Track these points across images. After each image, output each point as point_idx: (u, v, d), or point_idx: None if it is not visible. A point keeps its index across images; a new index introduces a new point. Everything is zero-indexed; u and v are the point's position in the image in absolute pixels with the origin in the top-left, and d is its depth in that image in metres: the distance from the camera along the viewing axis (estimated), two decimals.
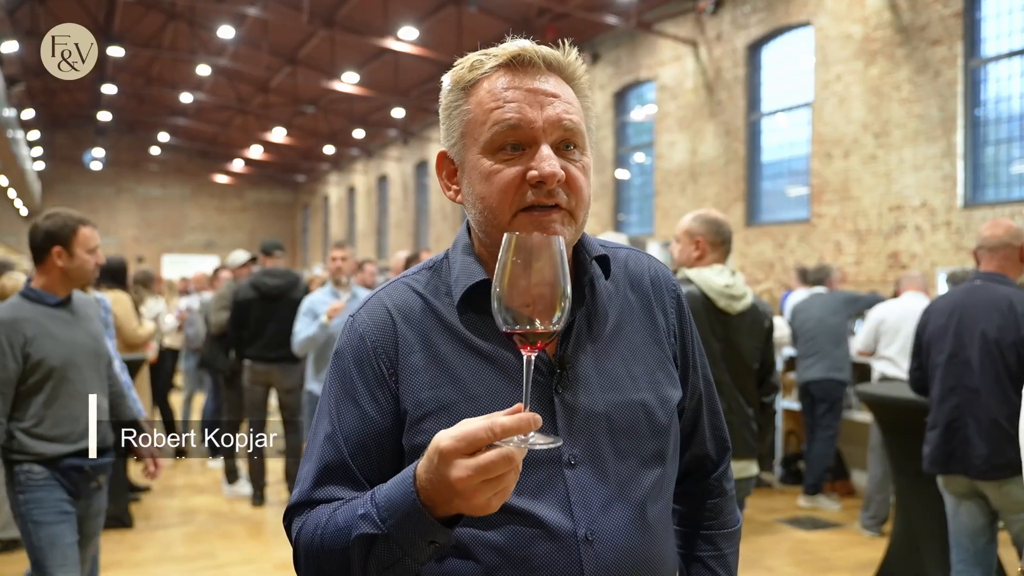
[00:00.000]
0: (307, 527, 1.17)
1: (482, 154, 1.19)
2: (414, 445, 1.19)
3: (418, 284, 1.29)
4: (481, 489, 0.95)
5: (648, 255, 1.43)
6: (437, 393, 1.19)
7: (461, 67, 1.23)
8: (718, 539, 1.45)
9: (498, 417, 0.96)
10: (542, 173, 1.14)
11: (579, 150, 1.21)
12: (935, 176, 10.14)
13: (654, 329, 1.33)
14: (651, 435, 1.26)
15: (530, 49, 1.19)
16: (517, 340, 1.00)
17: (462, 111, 1.22)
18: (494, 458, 0.94)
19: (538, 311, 0.98)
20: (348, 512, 1.11)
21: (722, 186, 13.65)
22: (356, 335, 1.26)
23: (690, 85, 14.34)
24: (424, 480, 1.00)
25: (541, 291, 0.97)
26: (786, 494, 6.96)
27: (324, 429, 1.24)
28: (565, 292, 0.98)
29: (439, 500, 0.99)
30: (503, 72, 1.19)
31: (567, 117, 1.18)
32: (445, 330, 1.23)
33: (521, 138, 1.17)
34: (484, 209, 1.19)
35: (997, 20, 9.82)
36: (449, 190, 1.29)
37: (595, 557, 1.17)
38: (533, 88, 1.18)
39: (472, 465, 0.94)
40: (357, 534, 1.07)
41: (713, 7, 13.63)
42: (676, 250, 3.52)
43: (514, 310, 0.97)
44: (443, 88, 1.26)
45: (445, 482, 0.96)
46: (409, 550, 1.04)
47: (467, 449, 0.94)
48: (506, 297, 0.98)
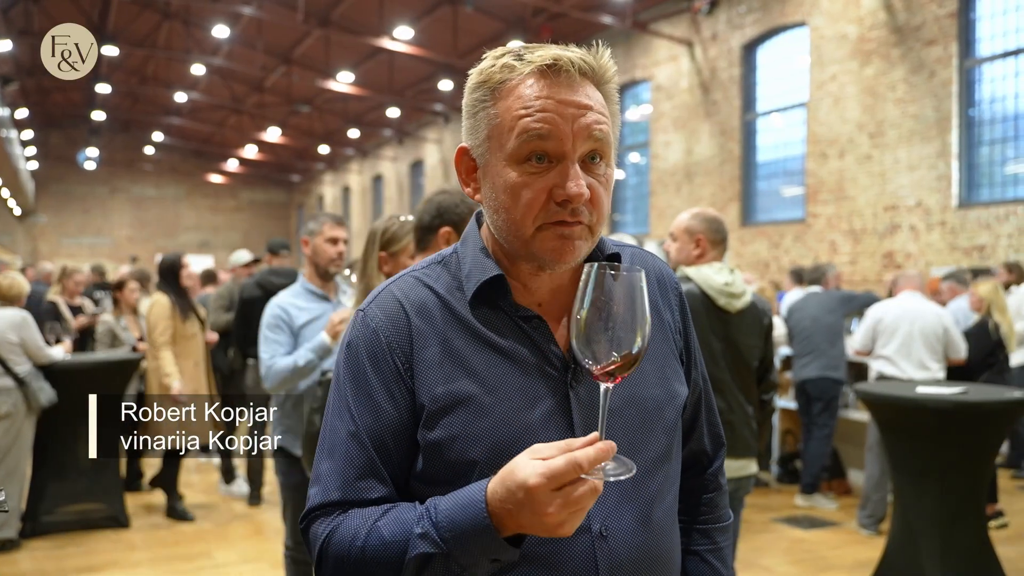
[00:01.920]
0: (341, 535, 1.15)
1: (508, 163, 1.17)
2: (430, 440, 1.19)
3: (428, 278, 1.28)
4: (569, 520, 1.00)
5: (652, 254, 1.44)
6: (453, 387, 1.19)
7: (492, 66, 1.20)
8: (714, 533, 1.46)
9: (580, 451, 0.99)
10: (569, 194, 1.13)
11: (605, 161, 1.19)
12: (930, 176, 10.17)
13: (662, 326, 1.35)
14: (661, 431, 1.27)
15: (565, 58, 1.16)
16: (598, 374, 1.04)
17: (489, 113, 1.19)
18: (585, 492, 0.99)
19: (616, 344, 1.02)
20: (397, 527, 1.11)
21: (717, 186, 13.67)
22: (369, 330, 1.24)
23: (685, 85, 14.35)
24: (499, 509, 1.03)
25: (623, 328, 1.01)
26: (783, 493, 6.97)
27: (346, 426, 1.22)
28: (645, 324, 1.02)
29: (512, 525, 1.03)
30: (535, 78, 1.16)
31: (597, 128, 1.16)
32: (459, 325, 1.23)
33: (549, 150, 1.15)
34: (508, 220, 1.18)
35: (992, 20, 9.85)
36: (468, 187, 1.27)
37: (609, 552, 1.18)
38: (565, 99, 1.15)
39: (563, 502, 0.99)
40: (415, 553, 1.08)
41: (708, 7, 13.65)
42: (673, 248, 3.50)
43: (594, 345, 1.01)
44: (469, 81, 1.24)
45: (533, 515, 1.00)
46: (468, 568, 1.07)
47: (553, 485, 0.98)
48: (586, 336, 1.02)
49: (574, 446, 1.00)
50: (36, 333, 5.29)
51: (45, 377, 5.38)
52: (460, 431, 1.16)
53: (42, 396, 5.17)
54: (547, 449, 1.00)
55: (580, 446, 1.00)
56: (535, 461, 0.99)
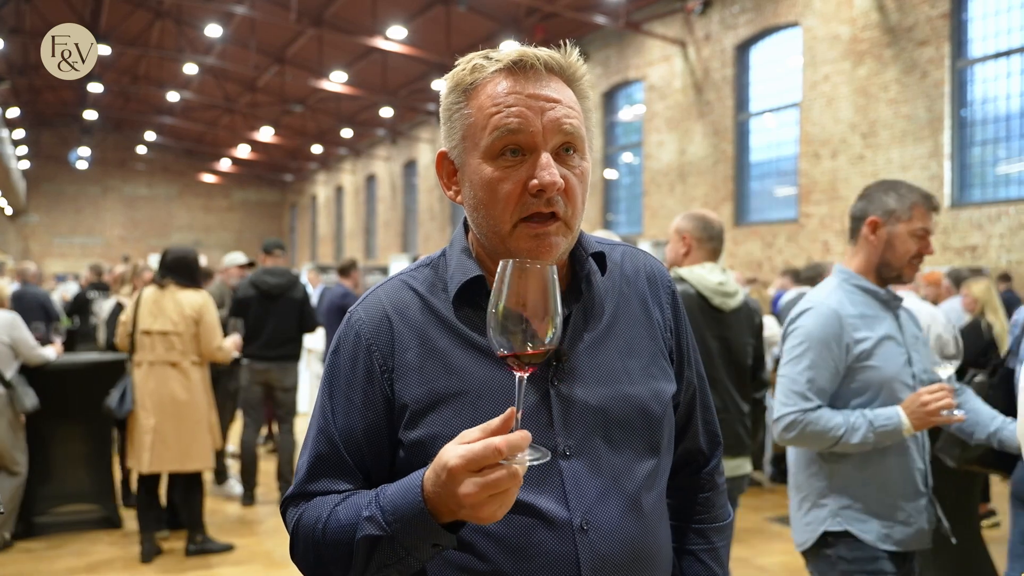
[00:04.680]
0: (307, 518, 1.21)
1: (483, 159, 1.19)
2: (412, 439, 1.21)
3: (415, 281, 1.32)
4: (488, 503, 1.00)
5: (644, 252, 1.45)
6: (434, 387, 1.22)
7: (462, 69, 1.23)
8: (709, 532, 1.47)
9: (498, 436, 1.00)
10: (542, 182, 1.15)
11: (579, 154, 1.22)
12: (922, 176, 10.21)
13: (649, 324, 1.36)
14: (645, 427, 1.28)
15: (531, 54, 1.20)
16: (511, 363, 1.04)
17: (463, 114, 1.23)
18: (502, 476, 0.99)
19: (530, 335, 1.02)
20: (351, 511, 1.15)
21: (710, 186, 13.70)
22: (352, 332, 1.29)
23: (678, 85, 14.38)
24: (431, 491, 1.05)
25: (534, 316, 1.01)
26: (776, 492, 6.99)
27: (318, 422, 1.28)
28: (557, 315, 1.03)
29: (445, 510, 1.04)
30: (504, 76, 1.20)
31: (567, 121, 1.19)
32: (441, 325, 1.26)
33: (521, 143, 1.17)
34: (486, 216, 1.21)
35: (984, 21, 9.89)
36: (449, 190, 1.30)
37: (590, 545, 1.19)
38: (534, 93, 1.18)
39: (480, 483, 0.99)
40: (362, 535, 1.11)
41: (702, 7, 13.68)
42: (668, 249, 3.56)
43: (509, 335, 1.02)
44: (444, 88, 1.27)
45: (454, 496, 1.01)
46: (412, 551, 1.09)
47: (474, 467, 0.99)
48: (500, 323, 1.02)
49: (490, 428, 1.01)
50: (27, 333, 5.27)
51: (39, 377, 5.37)
52: (441, 429, 1.18)
53: (27, 400, 5.15)
54: (472, 433, 1.02)
55: (495, 427, 1.01)
56: (459, 445, 1.01)
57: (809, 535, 2.48)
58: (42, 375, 5.42)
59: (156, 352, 4.95)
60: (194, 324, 5.00)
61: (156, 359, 4.95)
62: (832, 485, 2.43)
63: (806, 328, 2.45)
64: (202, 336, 5.03)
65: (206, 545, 5.30)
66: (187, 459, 4.99)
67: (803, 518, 2.51)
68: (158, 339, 4.95)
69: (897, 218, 2.48)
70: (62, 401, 5.51)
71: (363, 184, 29.22)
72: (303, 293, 6.43)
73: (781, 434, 2.41)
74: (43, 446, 5.50)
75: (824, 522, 2.43)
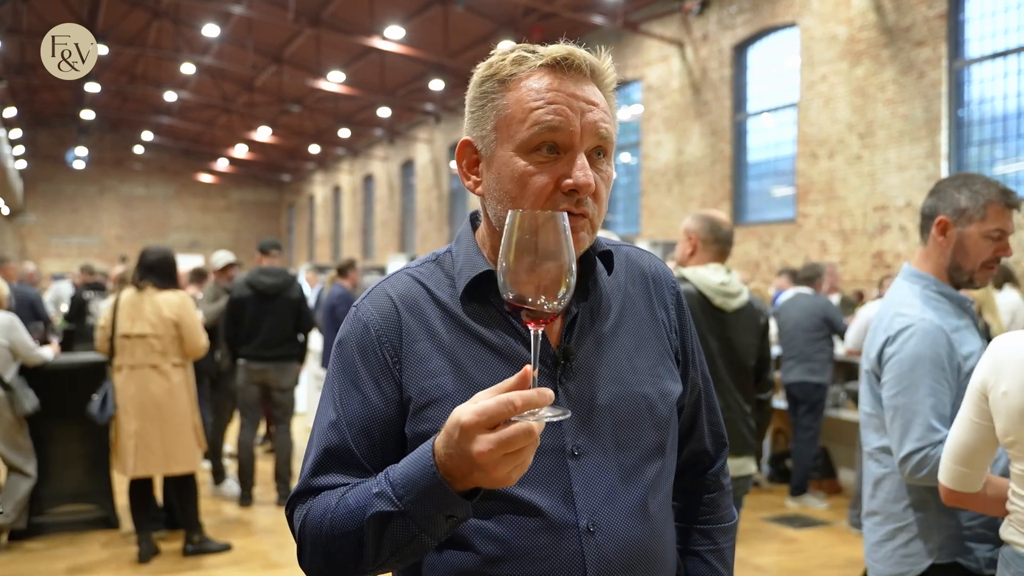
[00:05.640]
0: (313, 514, 1.16)
1: (516, 153, 1.18)
2: (417, 432, 1.20)
3: (422, 275, 1.30)
4: (503, 462, 0.96)
5: (649, 253, 1.45)
6: (441, 381, 1.20)
7: (503, 59, 1.22)
8: (715, 533, 1.46)
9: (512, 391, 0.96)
10: (578, 182, 1.14)
11: (607, 159, 1.22)
12: (919, 176, 10.22)
13: (655, 324, 1.35)
14: (653, 427, 1.27)
15: (579, 54, 1.19)
16: (524, 315, 1.00)
17: (497, 104, 1.21)
18: (516, 432, 0.94)
19: (544, 287, 0.98)
20: (360, 493, 1.11)
21: (708, 186, 13.70)
22: (360, 324, 1.26)
23: (676, 85, 14.39)
24: (443, 455, 1.00)
25: (547, 266, 0.97)
26: (774, 492, 7.00)
27: (328, 416, 1.24)
28: (571, 268, 0.99)
29: (458, 475, 1.00)
30: (547, 72, 1.19)
31: (603, 125, 1.18)
32: (449, 319, 1.25)
33: (559, 141, 1.16)
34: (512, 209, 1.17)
35: (981, 22, 9.91)
36: (468, 179, 1.28)
37: (596, 548, 1.17)
38: (575, 93, 1.18)
39: (494, 439, 0.94)
40: (372, 512, 1.06)
41: (699, 8, 13.68)
42: (677, 248, 3.58)
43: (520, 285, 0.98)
44: (476, 75, 1.25)
45: (466, 456, 0.97)
46: (426, 526, 1.04)
47: (487, 424, 0.95)
48: (512, 272, 0.98)
49: (505, 386, 0.98)
50: (25, 334, 5.27)
51: (37, 377, 5.36)
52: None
53: (27, 403, 5.14)
54: (487, 393, 0.99)
55: (511, 385, 0.98)
56: (472, 404, 0.98)
57: (909, 567, 2.27)
58: (40, 375, 5.41)
59: (136, 356, 4.91)
60: (174, 327, 4.95)
61: (136, 363, 4.91)
62: (940, 514, 2.22)
63: (914, 350, 2.18)
64: (185, 338, 4.99)
65: (204, 545, 5.29)
66: (172, 462, 4.96)
67: (900, 549, 2.29)
68: (137, 343, 4.91)
69: (969, 218, 2.27)
70: (60, 401, 5.50)
71: (361, 184, 29.20)
72: (299, 293, 6.42)
73: (911, 474, 2.14)
74: (41, 446, 5.49)
75: (931, 555, 2.23)
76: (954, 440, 1.94)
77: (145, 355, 4.91)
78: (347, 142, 27.92)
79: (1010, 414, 1.81)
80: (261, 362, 6.25)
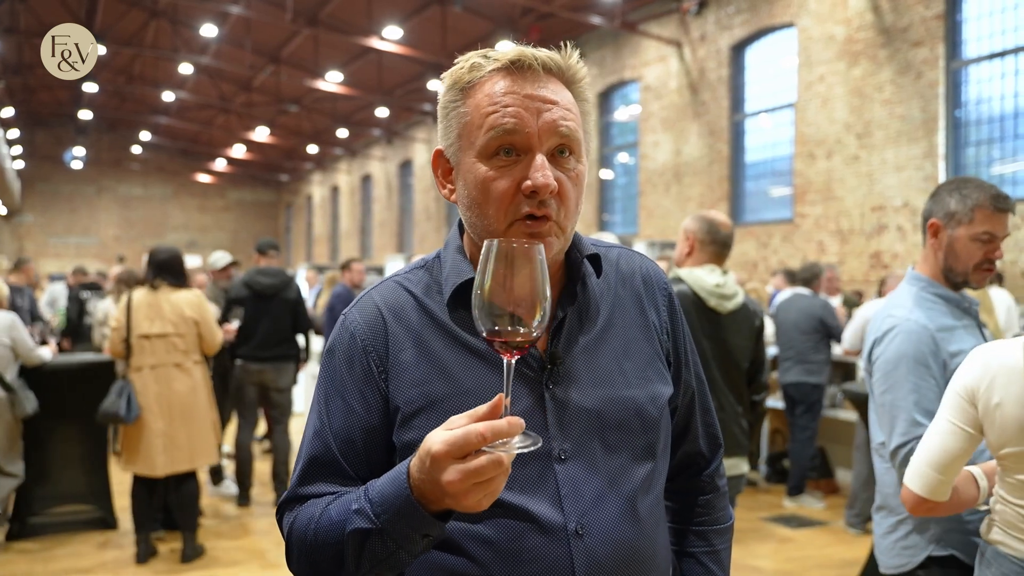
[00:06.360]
0: (299, 521, 1.18)
1: (478, 158, 1.18)
2: (405, 441, 1.20)
3: (409, 283, 1.31)
4: (472, 491, 0.97)
5: (640, 254, 1.44)
6: (427, 389, 1.21)
7: (461, 68, 1.23)
8: (711, 535, 1.46)
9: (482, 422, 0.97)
10: (535, 184, 1.14)
11: (574, 157, 1.21)
12: (917, 176, 10.24)
13: (645, 326, 1.35)
14: (641, 430, 1.27)
15: (529, 54, 1.19)
16: (498, 346, 1.01)
17: (459, 113, 1.22)
18: (485, 464, 0.95)
19: (518, 318, 0.98)
20: (341, 507, 1.12)
21: (706, 186, 13.71)
22: (347, 333, 1.27)
23: (674, 85, 14.40)
24: (417, 479, 1.02)
25: (522, 298, 0.98)
26: (771, 492, 7.00)
27: (314, 425, 1.26)
28: (545, 299, 0.99)
29: (432, 497, 1.01)
30: (502, 76, 1.19)
31: (563, 124, 1.18)
32: (436, 327, 1.25)
33: (516, 143, 1.16)
34: (480, 215, 1.20)
35: (978, 22, 9.92)
36: (444, 188, 1.29)
37: (586, 550, 1.17)
38: (531, 94, 1.17)
39: (462, 470, 0.96)
40: (351, 529, 1.08)
41: (697, 8, 13.69)
42: (676, 249, 3.58)
43: (494, 317, 0.98)
44: (442, 86, 1.26)
45: (437, 484, 0.98)
46: (403, 543, 1.05)
47: (458, 453, 0.96)
48: (487, 304, 0.99)
49: (477, 414, 0.98)
50: (26, 334, 5.27)
51: (36, 378, 5.36)
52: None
53: (28, 405, 5.14)
54: (459, 420, 0.99)
55: (483, 414, 0.98)
56: (444, 431, 0.98)
57: (908, 559, 2.34)
58: (38, 375, 5.41)
59: (157, 355, 4.92)
60: (195, 324, 5.00)
61: (158, 362, 4.93)
62: None
63: (897, 350, 2.25)
64: (205, 335, 5.06)
65: (202, 546, 5.30)
66: (197, 457, 5.04)
67: (901, 541, 2.37)
68: (158, 342, 4.92)
69: (958, 221, 2.31)
70: (58, 402, 5.50)
71: (359, 184, 29.19)
72: (297, 293, 6.41)
73: (900, 467, 2.17)
74: (39, 447, 5.49)
75: (928, 547, 2.29)
76: (934, 446, 1.90)
77: (167, 354, 4.94)
78: (345, 142, 27.91)
79: (1005, 426, 1.79)
80: (259, 362, 6.25)
